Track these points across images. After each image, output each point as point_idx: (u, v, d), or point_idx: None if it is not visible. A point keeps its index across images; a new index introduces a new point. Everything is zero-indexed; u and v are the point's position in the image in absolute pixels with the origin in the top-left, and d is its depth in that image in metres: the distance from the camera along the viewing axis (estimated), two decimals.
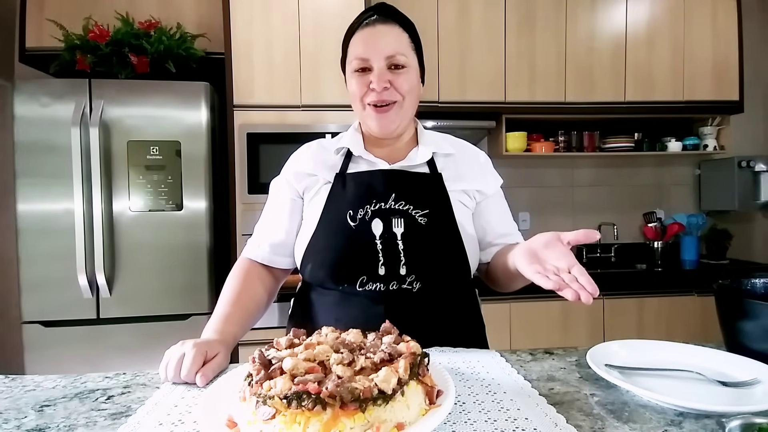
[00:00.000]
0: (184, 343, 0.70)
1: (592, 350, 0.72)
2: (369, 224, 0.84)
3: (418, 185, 0.89)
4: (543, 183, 2.86)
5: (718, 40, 2.55)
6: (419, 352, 0.57)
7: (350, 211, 0.85)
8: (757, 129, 2.94)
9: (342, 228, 0.85)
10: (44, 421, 0.57)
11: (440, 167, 0.92)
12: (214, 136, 2.08)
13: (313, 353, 0.55)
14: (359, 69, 0.87)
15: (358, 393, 0.47)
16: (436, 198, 0.88)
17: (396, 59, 0.86)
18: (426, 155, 0.91)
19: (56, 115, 1.86)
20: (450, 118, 2.45)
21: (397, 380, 0.50)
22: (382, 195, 0.86)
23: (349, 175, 0.90)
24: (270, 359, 0.55)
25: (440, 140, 0.97)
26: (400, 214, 0.85)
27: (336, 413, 0.46)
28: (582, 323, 2.30)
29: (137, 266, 1.92)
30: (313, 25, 2.08)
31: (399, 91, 0.87)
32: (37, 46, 2.11)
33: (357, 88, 0.88)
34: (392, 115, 0.88)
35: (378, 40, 0.86)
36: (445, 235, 0.86)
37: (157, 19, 2.11)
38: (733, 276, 1.09)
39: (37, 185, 1.86)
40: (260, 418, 0.48)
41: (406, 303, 0.83)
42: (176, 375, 0.67)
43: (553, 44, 2.46)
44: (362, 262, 0.83)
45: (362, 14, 0.90)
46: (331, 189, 0.90)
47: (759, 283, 0.83)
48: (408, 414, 0.50)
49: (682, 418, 0.55)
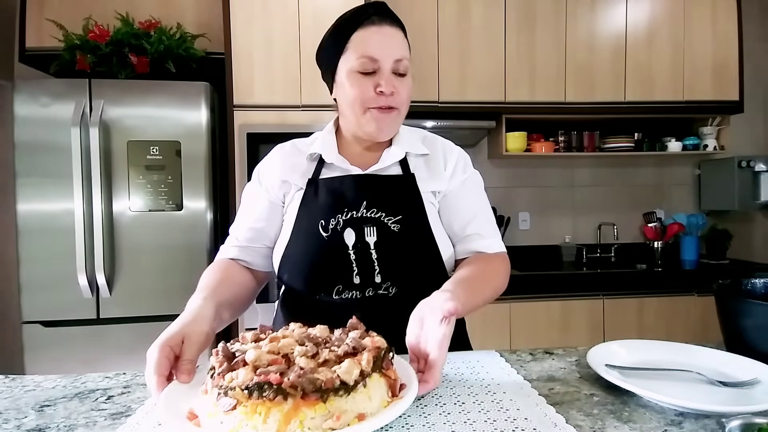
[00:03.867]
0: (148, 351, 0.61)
1: (592, 350, 0.72)
2: (341, 234, 0.83)
3: (390, 189, 0.87)
4: (543, 183, 2.86)
5: (718, 40, 2.55)
6: (384, 347, 0.58)
7: (322, 221, 0.84)
8: (757, 129, 2.94)
9: (314, 239, 0.83)
10: (44, 421, 0.57)
11: (413, 167, 0.90)
12: (214, 136, 2.08)
13: (278, 346, 0.55)
14: (364, 71, 0.82)
15: (319, 384, 0.48)
16: (409, 201, 0.86)
17: (403, 65, 0.83)
18: (398, 155, 0.89)
19: (56, 115, 1.86)
20: (450, 118, 2.45)
21: (360, 372, 0.51)
22: (353, 203, 0.84)
23: (321, 181, 0.87)
24: (234, 352, 0.55)
25: (415, 139, 0.93)
26: (372, 222, 0.83)
27: (297, 403, 0.47)
28: (582, 323, 2.30)
29: (137, 266, 1.92)
30: (312, 25, 2.08)
31: (401, 98, 0.85)
32: (37, 46, 2.11)
33: (359, 91, 0.82)
34: (392, 119, 0.85)
35: (388, 41, 0.82)
36: (419, 240, 0.85)
37: (157, 19, 2.11)
38: (733, 276, 1.09)
39: (37, 185, 1.86)
40: (221, 410, 0.48)
41: (382, 308, 0.83)
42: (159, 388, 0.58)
43: (553, 44, 2.46)
44: (336, 272, 0.83)
45: (361, 11, 0.84)
46: (304, 196, 0.87)
47: (759, 283, 0.83)
48: (370, 405, 0.51)
49: (682, 418, 0.55)
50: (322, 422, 0.47)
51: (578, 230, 2.88)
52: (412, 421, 0.55)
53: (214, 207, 2.04)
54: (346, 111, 0.86)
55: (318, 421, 0.47)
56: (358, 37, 0.82)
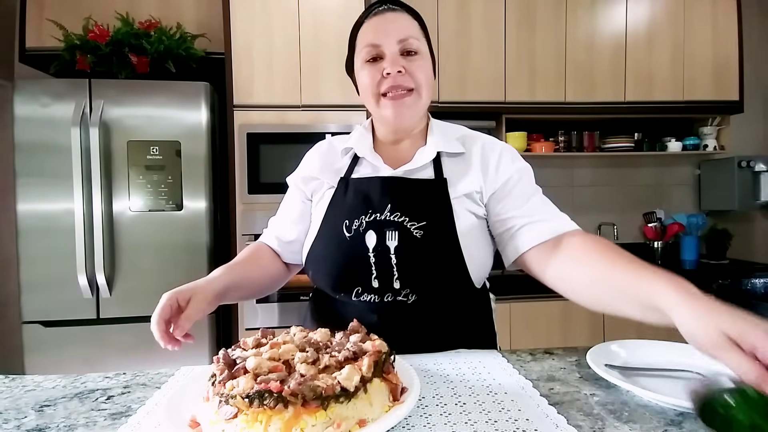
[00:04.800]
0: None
1: (592, 350, 0.72)
2: (363, 236, 0.81)
3: (417, 194, 0.83)
4: (543, 183, 2.77)
5: (718, 41, 2.55)
6: (384, 350, 0.57)
7: (346, 221, 0.83)
8: (757, 129, 2.94)
9: (338, 239, 0.83)
10: (44, 421, 0.57)
11: (446, 169, 0.86)
12: (214, 136, 2.08)
13: (278, 352, 0.55)
14: (370, 59, 0.83)
15: (320, 391, 0.48)
16: (436, 207, 0.82)
17: (409, 43, 0.82)
18: (431, 154, 0.86)
19: (56, 115, 1.86)
20: (450, 118, 2.39)
21: (360, 378, 0.51)
22: (378, 205, 0.82)
23: (351, 181, 0.87)
24: (234, 359, 0.55)
25: (451, 136, 0.90)
26: (395, 226, 0.80)
27: (298, 411, 0.47)
28: (582, 323, 2.30)
29: (137, 266, 1.92)
30: (312, 25, 2.08)
31: (414, 78, 0.82)
32: (37, 46, 2.11)
33: (369, 79, 0.82)
34: (409, 102, 0.83)
35: (389, 25, 0.82)
36: (442, 248, 0.80)
37: (157, 19, 2.11)
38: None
39: (37, 185, 1.86)
40: (222, 418, 0.48)
41: (400, 314, 0.82)
42: (160, 333, 0.67)
43: (553, 44, 2.46)
44: (356, 274, 0.81)
45: (369, 7, 0.86)
46: (334, 195, 0.88)
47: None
48: (371, 411, 0.51)
49: (682, 418, 0.55)
50: (323, 429, 0.47)
51: None
52: (413, 421, 0.55)
53: (214, 207, 2.04)
54: (367, 104, 0.87)
55: (319, 428, 0.47)
56: (362, 31, 0.85)
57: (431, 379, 0.67)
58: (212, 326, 1.98)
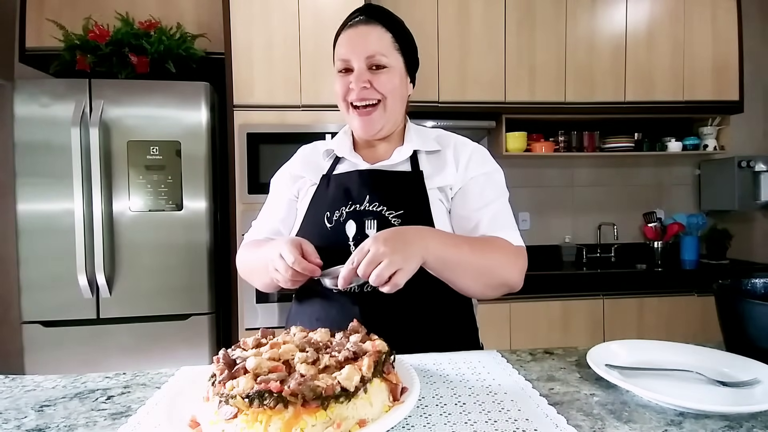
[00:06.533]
0: (273, 249, 0.78)
1: (592, 350, 0.72)
2: (343, 226, 0.85)
3: (395, 185, 0.88)
4: (543, 183, 2.86)
5: (718, 40, 2.55)
6: (384, 350, 0.58)
7: (327, 213, 0.88)
8: (757, 129, 2.94)
9: (319, 229, 0.87)
10: (44, 421, 0.57)
11: (422, 165, 0.91)
12: (214, 136, 2.08)
13: (278, 352, 0.55)
14: (342, 70, 0.89)
15: (320, 391, 0.48)
16: (413, 197, 0.87)
17: (376, 59, 0.87)
18: (408, 152, 0.91)
19: (56, 115, 1.86)
20: (450, 118, 2.45)
21: (360, 378, 0.51)
22: (358, 197, 0.87)
23: (332, 177, 0.93)
24: (234, 359, 0.56)
25: (427, 137, 0.96)
26: (374, 215, 0.85)
27: (298, 411, 0.47)
28: (582, 323, 2.30)
29: (137, 266, 1.92)
30: (312, 25, 2.08)
31: (380, 91, 0.88)
32: (37, 46, 2.11)
33: (339, 89, 0.90)
34: (375, 116, 0.89)
35: (358, 41, 0.87)
36: None
37: (157, 19, 2.11)
38: (733, 276, 1.08)
39: (37, 185, 1.86)
40: (222, 418, 0.48)
41: (380, 304, 0.83)
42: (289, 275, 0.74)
43: (553, 44, 2.46)
44: (335, 262, 0.82)
45: (349, 16, 0.92)
46: (316, 191, 0.93)
47: (759, 283, 0.83)
48: (371, 411, 0.51)
49: (682, 418, 0.55)
50: (323, 429, 0.47)
51: (578, 230, 2.88)
52: (413, 421, 0.55)
53: (214, 207, 2.04)
54: (340, 110, 0.94)
55: (319, 429, 0.47)
56: (338, 43, 0.91)
57: (431, 379, 0.67)
58: (212, 326, 1.98)
